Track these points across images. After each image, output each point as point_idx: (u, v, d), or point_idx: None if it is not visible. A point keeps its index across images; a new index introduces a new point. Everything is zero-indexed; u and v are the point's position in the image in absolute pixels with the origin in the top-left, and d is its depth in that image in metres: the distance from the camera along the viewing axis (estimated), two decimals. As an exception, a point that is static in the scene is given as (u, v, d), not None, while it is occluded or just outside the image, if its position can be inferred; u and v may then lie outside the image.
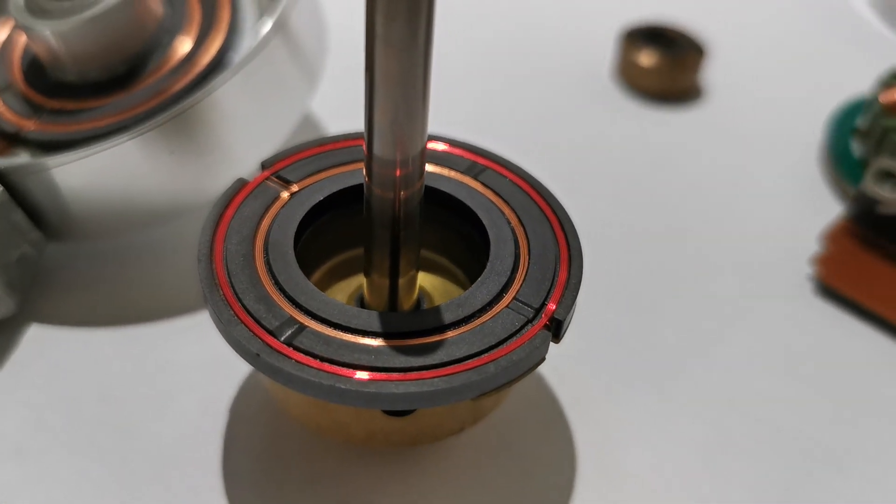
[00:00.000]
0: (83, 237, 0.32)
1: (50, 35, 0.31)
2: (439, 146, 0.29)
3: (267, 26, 0.30)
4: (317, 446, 0.27)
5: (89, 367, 0.29)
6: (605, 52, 0.44)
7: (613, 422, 0.29)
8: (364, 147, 0.23)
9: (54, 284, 0.32)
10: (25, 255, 0.30)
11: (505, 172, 0.28)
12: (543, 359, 0.24)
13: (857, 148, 0.38)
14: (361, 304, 0.27)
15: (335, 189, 0.27)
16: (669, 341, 0.31)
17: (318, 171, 0.28)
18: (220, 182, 0.31)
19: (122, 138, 0.29)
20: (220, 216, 0.26)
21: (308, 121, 0.39)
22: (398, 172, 0.23)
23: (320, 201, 0.27)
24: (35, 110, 0.33)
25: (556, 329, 0.24)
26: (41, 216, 0.30)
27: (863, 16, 0.49)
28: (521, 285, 0.25)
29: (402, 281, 0.26)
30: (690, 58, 0.41)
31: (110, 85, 0.33)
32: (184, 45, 0.33)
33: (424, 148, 0.22)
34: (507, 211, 0.27)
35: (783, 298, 0.33)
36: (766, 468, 0.28)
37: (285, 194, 0.27)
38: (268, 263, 0.25)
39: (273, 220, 0.26)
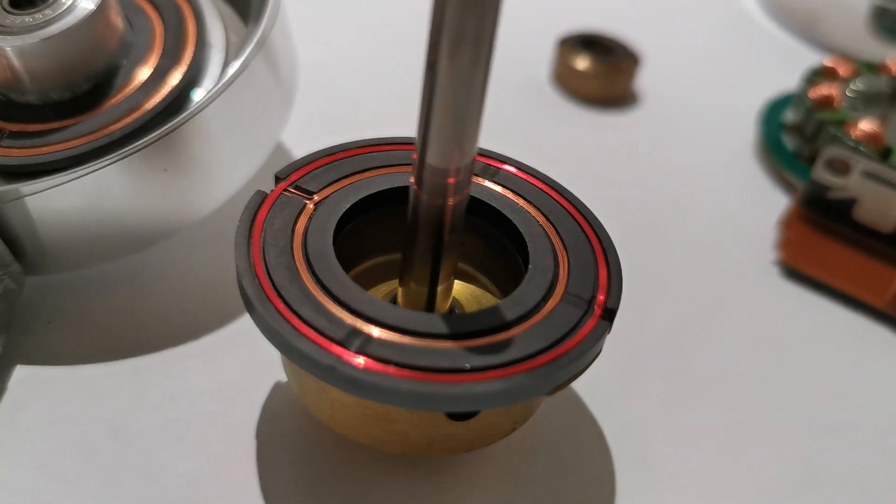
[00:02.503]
0: (63, 268, 0.30)
1: (9, 52, 0.29)
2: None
3: (251, 43, 0.29)
4: (357, 460, 0.27)
5: (92, 406, 0.27)
6: (544, 58, 0.45)
7: (632, 412, 0.30)
8: (415, 155, 0.23)
9: (36, 320, 0.29)
10: (8, 290, 0.27)
11: (518, 173, 0.28)
12: (601, 349, 0.24)
13: (788, 141, 0.41)
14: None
15: (360, 196, 0.26)
16: (662, 336, 0.32)
17: (336, 180, 0.27)
18: (205, 203, 0.30)
19: (106, 161, 0.27)
20: (250, 230, 0.25)
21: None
22: (451, 180, 0.23)
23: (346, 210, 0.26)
24: (-9, 135, 0.30)
25: (609, 318, 0.24)
26: (19, 247, 0.28)
27: (761, 23, 0.53)
28: (568, 279, 0.25)
29: (440, 288, 0.25)
30: (625, 64, 0.43)
31: (74, 104, 0.31)
32: (150, 61, 0.32)
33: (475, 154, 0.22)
34: (531, 210, 0.27)
35: (755, 285, 0.35)
36: (780, 446, 0.29)
37: (310, 204, 0.26)
38: (314, 274, 0.24)
39: (306, 230, 0.25)
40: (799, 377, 0.31)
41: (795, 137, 0.41)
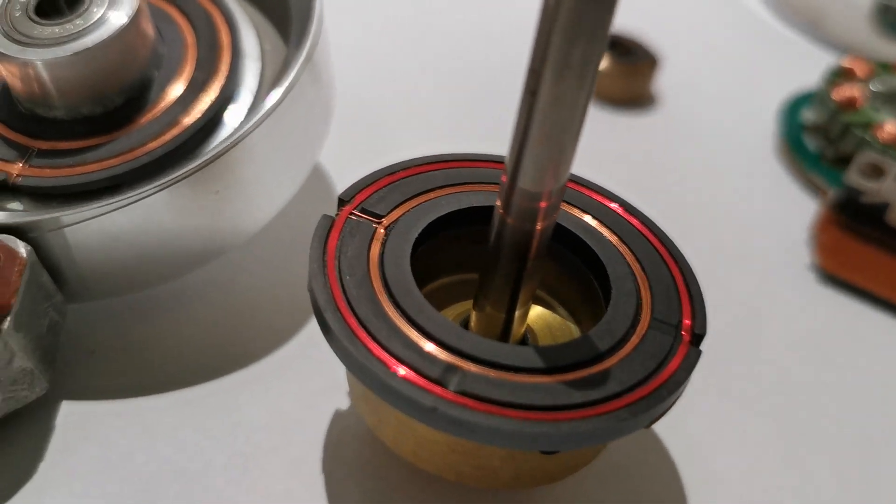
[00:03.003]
0: (104, 295, 0.28)
1: (39, 66, 0.27)
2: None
3: (298, 59, 0.28)
4: (431, 490, 0.26)
5: (149, 443, 0.26)
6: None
7: (693, 428, 0.29)
8: (505, 179, 0.22)
9: (77, 351, 0.28)
10: (53, 323, 0.26)
11: (583, 189, 0.28)
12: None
13: (810, 141, 0.41)
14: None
15: (430, 220, 0.25)
16: (709, 348, 0.32)
17: (402, 202, 0.26)
18: (250, 224, 0.29)
19: (154, 187, 0.25)
20: (324, 259, 0.24)
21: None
22: (544, 204, 0.22)
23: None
24: (20, 152, 0.28)
25: (697, 343, 0.24)
26: (59, 275, 0.26)
27: (766, 20, 0.53)
28: (652, 303, 0.24)
29: (517, 313, 0.25)
30: (644, 65, 0.42)
31: (107, 120, 0.29)
32: (184, 72, 0.30)
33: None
34: (603, 230, 0.26)
35: (793, 291, 0.35)
36: (837, 454, 0.29)
37: (380, 229, 0.25)
38: (397, 305, 0.23)
39: (381, 258, 0.24)
40: (848, 384, 0.31)
41: (818, 138, 0.41)
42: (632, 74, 0.42)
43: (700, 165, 0.40)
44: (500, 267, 0.23)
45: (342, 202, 0.25)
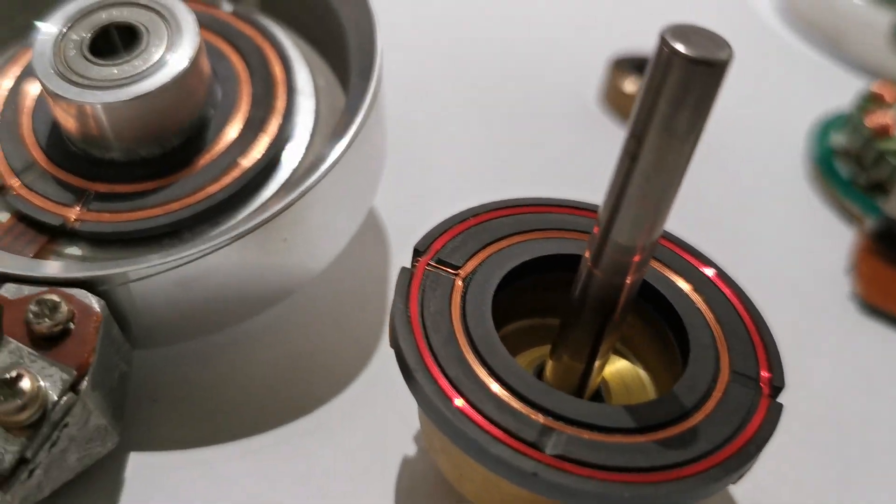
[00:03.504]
0: (168, 342, 0.28)
1: (99, 109, 0.27)
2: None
3: (364, 103, 0.27)
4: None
5: (222, 494, 0.25)
6: (593, 78, 0.44)
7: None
8: (596, 231, 0.22)
9: (141, 399, 0.27)
10: (122, 374, 0.25)
11: (651, 235, 0.28)
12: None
13: (842, 167, 0.41)
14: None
15: (507, 270, 0.25)
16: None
17: (477, 251, 0.26)
18: (314, 267, 0.29)
19: (226, 240, 0.25)
20: (409, 315, 0.24)
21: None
22: (637, 258, 0.22)
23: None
24: (76, 195, 0.28)
25: (775, 396, 0.24)
26: (125, 324, 0.26)
27: (788, 40, 0.53)
28: (729, 355, 0.24)
29: (596, 365, 0.25)
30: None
31: (165, 161, 0.28)
32: (240, 111, 0.30)
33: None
34: (675, 277, 0.26)
35: (835, 323, 0.35)
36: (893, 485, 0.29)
37: (458, 281, 0.25)
38: (484, 363, 0.23)
39: (463, 313, 0.24)
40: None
41: (850, 163, 0.41)
42: (663, 98, 0.42)
43: (731, 192, 0.41)
44: (584, 319, 0.23)
45: (418, 252, 0.25)
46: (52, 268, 0.25)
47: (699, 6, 0.50)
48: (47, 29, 0.28)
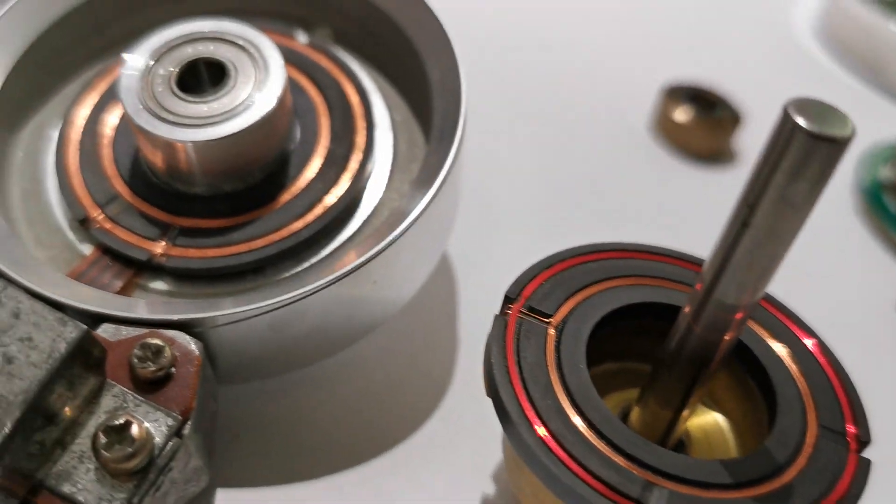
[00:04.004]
0: (253, 378, 0.28)
1: (189, 147, 0.27)
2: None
3: (453, 146, 0.27)
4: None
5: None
6: (645, 105, 0.44)
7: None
8: (699, 288, 0.22)
9: (224, 434, 0.27)
10: (213, 412, 0.26)
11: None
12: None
13: (890, 202, 0.42)
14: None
15: (596, 319, 0.26)
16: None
17: (566, 298, 0.26)
18: (396, 305, 0.29)
19: (321, 285, 0.25)
20: (507, 365, 0.24)
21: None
22: (739, 316, 0.22)
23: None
24: (161, 230, 0.28)
25: (862, 449, 0.24)
26: (214, 363, 0.26)
27: (830, 69, 0.53)
28: (816, 408, 0.25)
29: (684, 414, 0.25)
30: (727, 121, 0.43)
31: (248, 197, 0.29)
32: (320, 145, 0.30)
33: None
34: (759, 330, 0.27)
35: (888, 356, 0.35)
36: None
37: (551, 330, 0.25)
38: (583, 415, 0.23)
39: (559, 363, 0.24)
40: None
41: (899, 199, 0.41)
42: (714, 129, 0.43)
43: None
44: (678, 370, 0.24)
45: (509, 300, 0.25)
46: (148, 308, 0.25)
47: (743, 35, 0.50)
48: (133, 62, 0.28)
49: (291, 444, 0.28)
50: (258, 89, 0.27)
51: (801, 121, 0.19)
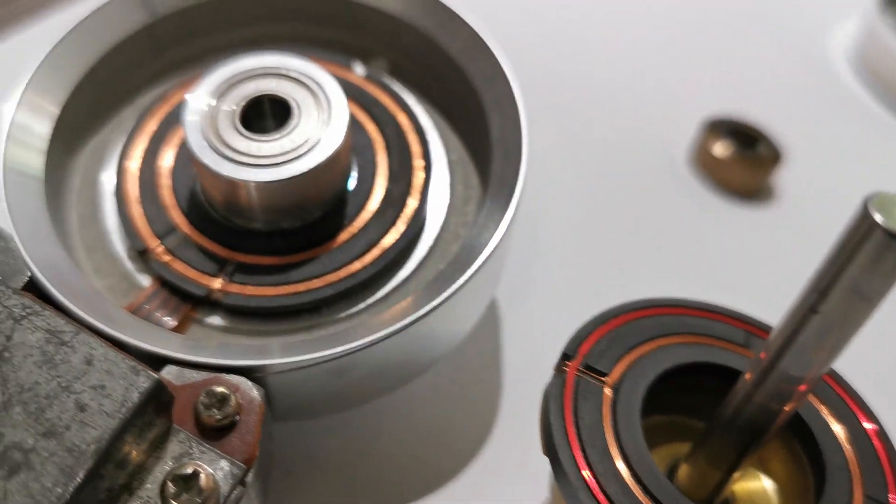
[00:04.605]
0: (307, 417, 0.28)
1: (251, 187, 0.27)
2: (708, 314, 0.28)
3: (517, 189, 0.28)
4: None
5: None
6: (685, 137, 0.44)
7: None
8: (763, 359, 0.22)
9: (276, 470, 0.28)
10: (269, 452, 0.26)
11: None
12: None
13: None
14: (670, 479, 0.27)
15: (652, 378, 0.26)
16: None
17: (622, 356, 0.26)
18: (450, 346, 0.29)
19: (387, 332, 0.25)
20: (565, 426, 0.24)
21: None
22: (803, 387, 0.22)
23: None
24: (219, 265, 0.28)
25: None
26: (271, 404, 0.26)
27: (886, 119, 0.52)
28: (862, 478, 0.25)
29: (734, 476, 0.25)
30: (767, 159, 0.43)
31: (305, 234, 0.29)
32: (378, 184, 0.30)
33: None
34: (815, 401, 0.27)
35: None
36: None
37: (607, 390, 0.25)
38: (639, 482, 0.24)
39: (615, 426, 0.25)
40: None
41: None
42: (754, 167, 0.43)
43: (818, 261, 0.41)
44: (731, 436, 0.24)
45: (567, 357, 0.26)
46: (212, 352, 0.25)
47: (783, 69, 0.50)
48: (197, 97, 0.28)
49: (343, 481, 0.28)
50: (322, 129, 0.28)
51: (878, 218, 0.19)
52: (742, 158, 0.43)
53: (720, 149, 0.43)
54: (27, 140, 0.29)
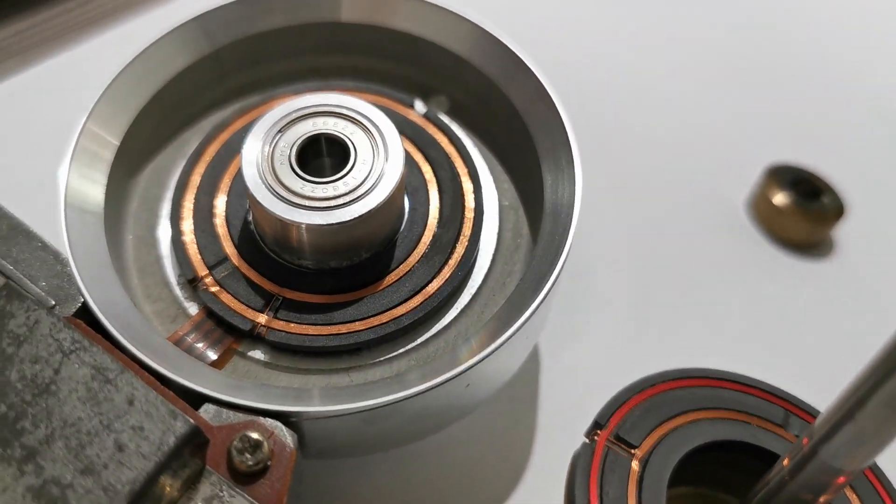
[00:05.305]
0: (339, 457, 0.29)
1: (303, 228, 0.27)
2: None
3: (563, 250, 0.27)
4: None
5: None
6: (745, 183, 0.44)
7: None
8: (804, 444, 0.22)
9: (306, 506, 0.28)
10: (299, 493, 0.26)
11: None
12: None
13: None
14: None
15: (682, 454, 0.26)
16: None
17: (654, 428, 0.26)
18: (485, 398, 0.29)
19: (427, 386, 0.25)
20: (589, 499, 0.24)
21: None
22: (841, 480, 0.22)
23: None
24: (265, 300, 0.29)
25: None
26: (303, 446, 0.27)
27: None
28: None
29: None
30: (830, 213, 0.42)
31: (353, 274, 0.29)
32: (428, 228, 0.30)
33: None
34: (850, 494, 0.27)
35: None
36: None
37: (635, 464, 0.25)
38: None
39: (639, 500, 0.25)
40: None
41: None
42: (815, 219, 0.42)
43: (880, 329, 0.40)
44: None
45: (598, 425, 0.26)
46: (252, 394, 0.25)
47: (852, 122, 0.49)
48: (255, 135, 0.28)
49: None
50: (377, 174, 0.28)
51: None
52: (803, 210, 0.42)
53: (781, 198, 0.42)
54: (91, 163, 0.29)
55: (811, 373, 0.33)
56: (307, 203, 0.27)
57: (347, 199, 0.27)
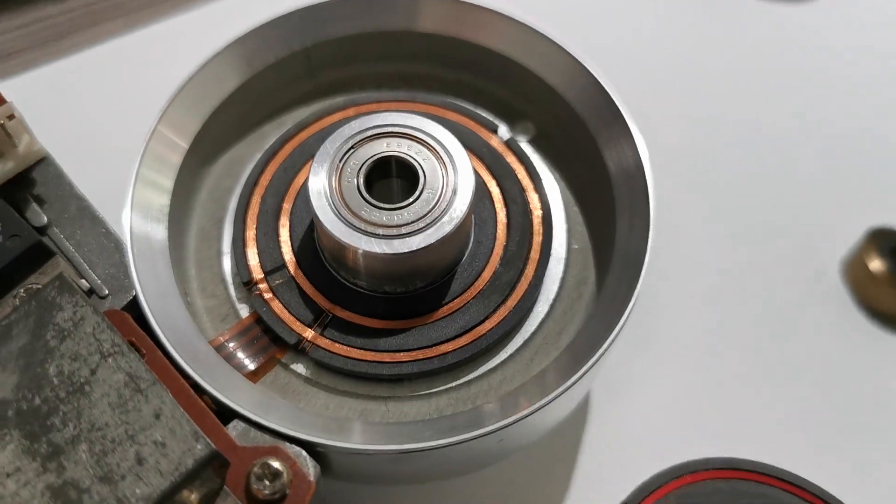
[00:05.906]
0: (349, 482, 0.28)
1: (360, 253, 0.27)
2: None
3: (632, 297, 0.26)
4: None
5: None
6: (843, 245, 0.41)
7: None
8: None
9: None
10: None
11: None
12: None
13: None
14: None
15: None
16: None
17: (685, 520, 0.25)
18: (509, 454, 0.29)
19: (462, 438, 0.24)
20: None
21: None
22: None
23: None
24: (315, 314, 0.28)
25: None
26: (327, 472, 0.27)
27: None
28: None
29: None
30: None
31: (406, 303, 0.28)
32: (490, 264, 0.29)
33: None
34: None
35: None
36: None
37: (661, 556, 0.24)
38: None
39: None
40: None
41: None
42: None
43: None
44: None
45: (628, 508, 0.25)
46: (282, 417, 0.25)
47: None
48: (323, 153, 0.27)
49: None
50: (443, 205, 0.27)
51: None
52: (893, 277, 0.39)
53: (878, 264, 0.39)
54: (170, 146, 0.29)
55: (878, 467, 0.32)
56: (369, 229, 0.27)
57: (410, 228, 0.27)
